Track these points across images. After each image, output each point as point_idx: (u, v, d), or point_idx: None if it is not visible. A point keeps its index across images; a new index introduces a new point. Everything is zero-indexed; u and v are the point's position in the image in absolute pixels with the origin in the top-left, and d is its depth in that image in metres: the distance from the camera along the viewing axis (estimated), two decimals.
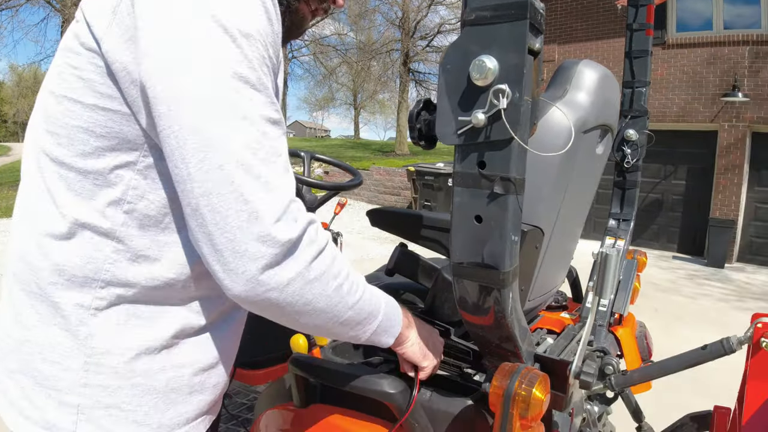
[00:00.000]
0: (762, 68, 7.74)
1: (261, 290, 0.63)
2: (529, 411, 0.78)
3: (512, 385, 0.79)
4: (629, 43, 1.89)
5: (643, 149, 1.89)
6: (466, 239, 0.79)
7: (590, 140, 1.25)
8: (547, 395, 0.81)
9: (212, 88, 0.58)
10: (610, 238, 1.88)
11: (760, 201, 8.16)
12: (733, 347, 1.29)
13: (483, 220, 0.76)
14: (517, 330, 0.84)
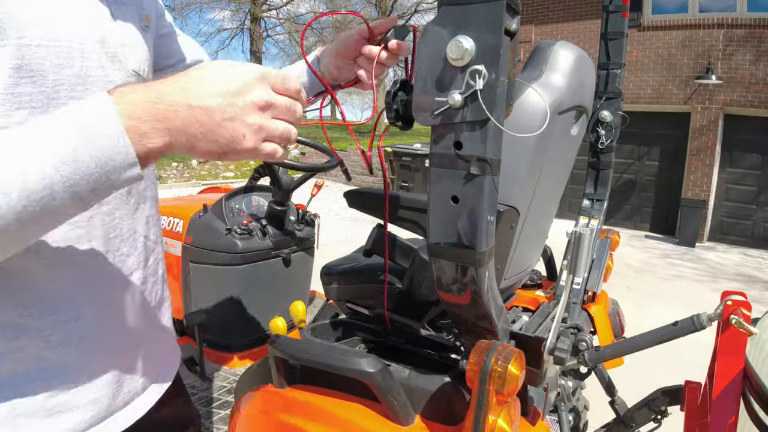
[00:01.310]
0: (736, 51, 7.85)
1: None
2: (505, 386, 0.80)
3: (488, 361, 0.80)
4: (605, 24, 1.90)
5: (617, 130, 1.91)
6: (442, 219, 0.79)
7: (565, 121, 1.26)
8: (523, 371, 0.82)
9: None
10: (584, 218, 1.90)
11: (731, 182, 8.34)
12: (704, 324, 1.33)
13: (459, 201, 0.76)
14: (493, 308, 0.85)
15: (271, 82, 0.57)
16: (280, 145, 0.59)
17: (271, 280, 2.25)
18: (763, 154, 8.02)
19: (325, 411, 1.10)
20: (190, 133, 0.53)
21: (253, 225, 2.20)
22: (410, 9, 21.00)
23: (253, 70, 0.56)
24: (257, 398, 1.27)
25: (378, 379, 0.98)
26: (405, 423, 0.99)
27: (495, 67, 0.68)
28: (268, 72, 0.57)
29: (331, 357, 1.06)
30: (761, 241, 8.11)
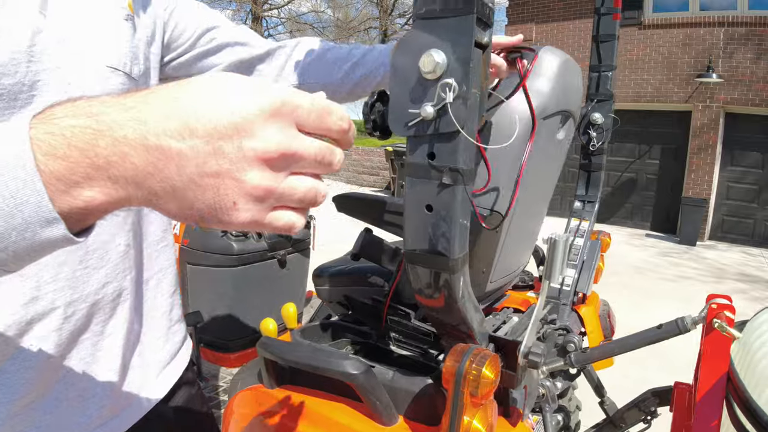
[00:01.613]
0: (736, 49, 7.84)
1: None
2: (479, 389, 0.82)
3: (463, 364, 0.82)
4: (596, 27, 1.91)
5: (609, 132, 1.92)
6: (417, 227, 0.81)
7: (551, 126, 1.28)
8: (497, 374, 0.84)
9: None
10: (575, 219, 1.92)
11: (732, 180, 8.33)
12: (688, 327, 1.34)
13: (433, 209, 0.78)
14: (468, 313, 0.87)
15: (295, 117, 0.36)
16: (301, 213, 0.39)
17: (267, 281, 2.27)
18: (764, 152, 8.01)
19: (313, 411, 1.12)
20: (148, 187, 0.35)
21: None
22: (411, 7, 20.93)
23: (265, 96, 0.35)
24: (249, 398, 1.30)
25: (360, 380, 1.00)
26: (388, 423, 1.01)
27: (465, 80, 0.70)
28: (290, 99, 0.36)
29: (316, 359, 1.08)
30: (762, 239, 8.10)
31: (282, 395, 1.21)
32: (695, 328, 1.32)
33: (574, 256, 1.84)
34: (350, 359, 1.05)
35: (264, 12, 18.38)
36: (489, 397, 0.85)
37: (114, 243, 0.68)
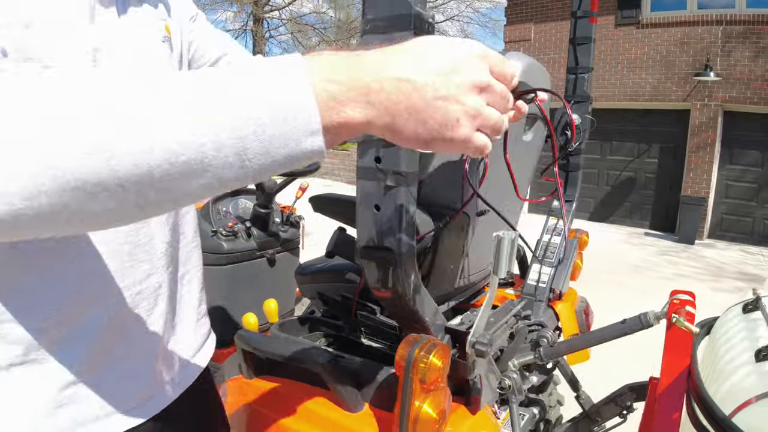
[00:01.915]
0: (735, 48, 7.86)
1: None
2: (428, 375, 0.87)
3: (412, 352, 0.88)
4: (573, 30, 1.96)
5: (586, 133, 1.97)
6: (368, 225, 0.87)
7: (515, 129, 1.33)
8: (445, 362, 0.90)
9: None
10: (553, 218, 1.97)
11: (731, 179, 8.35)
12: (651, 322, 1.39)
13: (380, 209, 0.84)
14: (419, 305, 0.93)
15: (491, 63, 0.49)
16: (489, 138, 0.50)
17: (256, 279, 2.33)
18: (763, 150, 8.02)
19: (287, 399, 1.19)
20: (395, 111, 0.45)
21: (238, 227, 2.28)
22: None
23: (474, 45, 0.49)
24: (231, 388, 1.37)
25: (327, 369, 1.07)
26: (354, 410, 1.08)
27: None
28: (489, 50, 0.50)
29: (288, 349, 1.15)
30: (761, 238, 8.11)
31: (259, 385, 1.28)
32: (658, 323, 1.36)
33: (550, 254, 1.89)
34: (318, 350, 1.11)
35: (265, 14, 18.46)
36: (439, 383, 0.91)
37: (158, 240, 0.75)
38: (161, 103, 0.40)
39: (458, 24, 22.37)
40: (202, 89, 0.41)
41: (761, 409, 1.00)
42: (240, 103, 0.41)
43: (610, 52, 8.87)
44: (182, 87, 0.41)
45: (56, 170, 0.37)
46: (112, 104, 0.39)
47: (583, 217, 9.67)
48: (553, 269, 1.84)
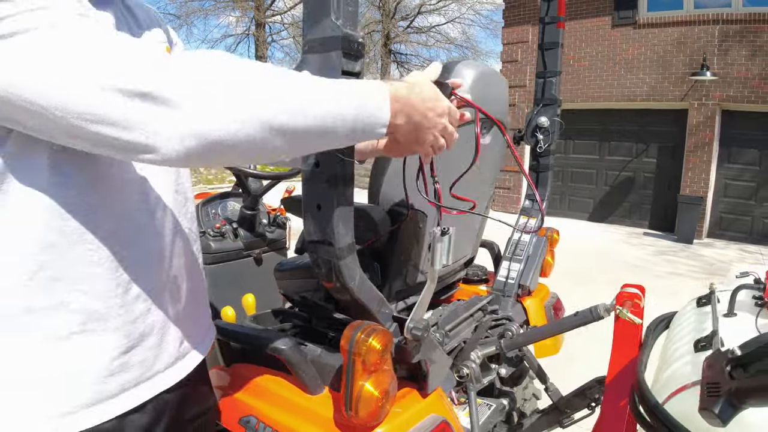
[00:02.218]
0: (731, 47, 7.89)
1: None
2: (368, 357, 0.97)
3: (354, 336, 0.98)
4: (542, 35, 2.04)
5: (555, 135, 2.05)
6: (312, 222, 0.97)
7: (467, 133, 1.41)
8: (384, 345, 0.99)
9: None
10: (524, 217, 2.05)
11: (729, 178, 8.37)
12: (600, 314, 1.46)
13: (322, 208, 0.94)
14: (363, 295, 1.02)
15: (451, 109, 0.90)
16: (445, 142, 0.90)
17: (243, 278, 2.42)
18: (761, 149, 8.03)
19: (256, 384, 1.30)
20: (413, 124, 0.83)
21: (226, 228, 2.38)
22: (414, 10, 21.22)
23: (446, 102, 0.88)
24: (211, 376, 1.46)
25: (288, 354, 1.17)
26: (314, 392, 1.18)
27: None
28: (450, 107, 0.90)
29: (254, 337, 1.25)
30: (761, 236, 8.12)
31: (235, 371, 1.38)
32: (607, 315, 1.44)
33: (520, 251, 1.97)
34: (281, 337, 1.20)
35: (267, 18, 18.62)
36: (381, 365, 1.00)
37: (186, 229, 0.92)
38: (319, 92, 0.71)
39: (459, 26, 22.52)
40: (337, 88, 0.73)
41: (691, 395, 1.06)
42: (355, 102, 0.74)
43: (607, 52, 8.93)
44: (327, 85, 0.73)
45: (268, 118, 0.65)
46: (298, 88, 0.70)
47: (582, 217, 9.72)
48: (522, 266, 1.92)
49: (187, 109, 0.60)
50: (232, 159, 0.70)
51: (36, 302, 0.71)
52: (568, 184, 9.91)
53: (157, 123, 0.60)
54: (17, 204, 0.68)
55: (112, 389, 0.78)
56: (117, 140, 0.61)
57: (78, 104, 0.59)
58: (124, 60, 0.61)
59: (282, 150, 0.69)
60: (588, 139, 9.50)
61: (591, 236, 8.42)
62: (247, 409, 1.25)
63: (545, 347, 1.90)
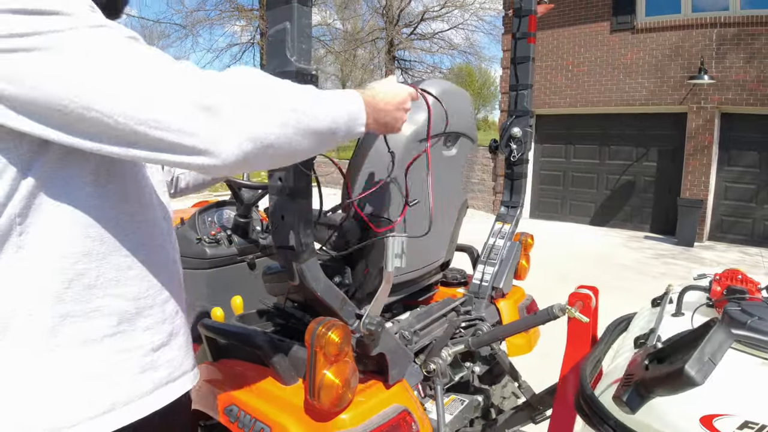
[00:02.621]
0: (729, 50, 7.95)
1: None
2: (328, 348, 1.09)
3: (316, 330, 1.10)
4: (514, 50, 2.16)
5: (528, 144, 2.17)
6: (278, 230, 1.10)
7: (437, 146, 1.54)
8: (342, 338, 1.11)
9: None
10: (499, 223, 2.16)
11: (729, 180, 8.40)
12: (556, 314, 1.57)
13: (285, 218, 1.07)
14: (324, 294, 1.15)
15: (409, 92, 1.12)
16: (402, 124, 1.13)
17: (237, 282, 2.55)
18: (761, 151, 8.06)
19: (238, 376, 1.43)
20: (381, 120, 1.04)
21: (221, 235, 2.51)
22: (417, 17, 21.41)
23: (405, 90, 1.11)
24: (201, 370, 1.60)
25: (265, 349, 1.29)
26: (288, 383, 1.31)
27: None
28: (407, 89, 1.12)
29: (235, 334, 1.38)
30: (762, 239, 8.13)
31: (222, 366, 1.52)
32: (562, 314, 1.55)
33: (494, 255, 2.09)
34: (259, 333, 1.33)
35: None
36: (341, 357, 1.12)
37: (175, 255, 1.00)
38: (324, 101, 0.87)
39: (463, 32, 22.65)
40: (333, 97, 0.90)
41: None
42: (345, 107, 0.91)
43: (606, 57, 9.01)
44: (326, 95, 0.89)
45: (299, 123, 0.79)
46: (312, 98, 0.84)
47: (583, 221, 9.79)
48: (496, 269, 2.03)
49: (242, 118, 0.72)
50: (276, 160, 0.83)
51: (72, 309, 0.76)
52: (569, 188, 9.99)
53: (218, 131, 0.70)
54: (56, 216, 0.74)
55: (144, 388, 0.85)
56: (180, 146, 0.69)
57: (145, 111, 0.66)
58: (188, 74, 0.71)
59: (308, 150, 0.84)
60: (588, 143, 9.58)
61: (592, 240, 8.49)
62: (230, 400, 1.38)
63: (518, 346, 2.01)
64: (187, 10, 19.26)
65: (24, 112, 0.65)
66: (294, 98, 0.80)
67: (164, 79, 0.68)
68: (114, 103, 0.65)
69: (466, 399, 1.83)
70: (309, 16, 1.02)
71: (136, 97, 0.66)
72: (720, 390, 1.04)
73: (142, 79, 0.67)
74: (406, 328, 1.60)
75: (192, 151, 0.70)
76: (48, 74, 0.63)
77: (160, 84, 0.68)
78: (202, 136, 0.69)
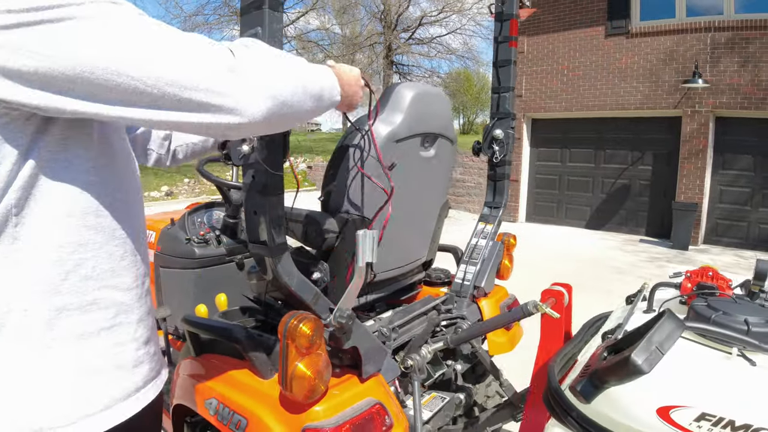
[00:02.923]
0: (724, 54, 7.99)
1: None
2: (298, 341, 1.13)
3: (288, 322, 1.14)
4: (495, 54, 2.20)
5: (510, 146, 2.20)
6: (251, 226, 1.14)
7: (408, 147, 1.57)
8: (313, 330, 1.15)
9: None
10: (482, 223, 2.20)
11: (724, 184, 8.43)
12: (530, 310, 1.60)
13: (257, 213, 1.10)
14: (297, 288, 1.19)
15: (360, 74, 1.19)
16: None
17: (225, 281, 2.59)
18: (755, 155, 8.08)
19: (219, 370, 1.47)
20: (346, 92, 1.08)
21: (210, 235, 2.55)
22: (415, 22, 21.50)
23: (356, 69, 1.17)
24: (184, 365, 1.63)
25: (243, 342, 1.33)
26: (265, 376, 1.34)
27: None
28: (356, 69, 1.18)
29: (215, 328, 1.42)
30: (757, 242, 8.15)
31: (201, 360, 1.56)
32: (536, 311, 1.58)
33: (476, 255, 2.12)
34: (238, 328, 1.37)
35: None
36: (313, 349, 1.16)
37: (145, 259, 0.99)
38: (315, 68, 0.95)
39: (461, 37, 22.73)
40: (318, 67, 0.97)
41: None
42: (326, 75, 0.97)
43: (601, 62, 9.07)
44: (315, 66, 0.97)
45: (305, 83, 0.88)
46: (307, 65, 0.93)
47: (579, 225, 9.83)
48: (477, 268, 2.06)
49: (260, 79, 0.77)
50: (288, 120, 0.86)
51: (69, 302, 0.76)
52: (565, 192, 10.03)
53: (243, 90, 0.75)
54: (54, 203, 0.73)
55: (138, 381, 0.86)
56: (208, 105, 0.72)
57: (174, 72, 0.69)
58: (207, 41, 0.75)
59: (310, 111, 0.91)
60: (584, 147, 9.63)
61: (588, 243, 8.52)
62: (210, 393, 1.42)
63: (499, 345, 2.04)
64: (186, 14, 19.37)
65: (43, 86, 0.65)
66: (296, 63, 0.88)
67: (189, 44, 0.72)
68: (144, 67, 0.67)
69: (447, 396, 1.86)
70: (280, 20, 1.06)
71: (165, 59, 0.68)
72: (679, 382, 1.07)
73: (168, 44, 0.70)
74: (385, 325, 1.64)
75: (219, 109, 0.73)
76: (77, 43, 0.64)
77: (186, 48, 0.71)
78: (229, 95, 0.73)
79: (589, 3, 9.12)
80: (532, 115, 10.05)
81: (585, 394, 0.97)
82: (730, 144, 8.29)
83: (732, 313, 1.19)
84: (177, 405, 1.60)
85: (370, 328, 1.59)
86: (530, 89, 9.88)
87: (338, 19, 21.53)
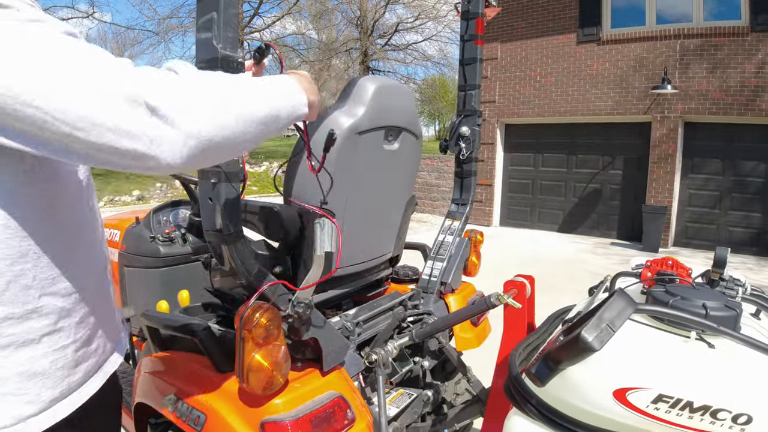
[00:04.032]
0: (693, 60, 8.18)
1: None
2: (254, 331, 1.11)
3: (244, 313, 1.12)
4: (462, 52, 2.21)
5: (477, 143, 2.21)
6: (207, 214, 1.12)
7: (371, 140, 1.57)
8: (269, 320, 1.13)
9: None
10: (449, 219, 2.20)
11: (693, 188, 8.62)
12: (494, 303, 1.61)
13: (212, 201, 1.08)
14: (255, 278, 1.17)
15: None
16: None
17: (191, 280, 2.54)
18: (723, 159, 8.28)
19: (179, 365, 1.45)
20: (313, 97, 0.98)
21: (175, 234, 2.50)
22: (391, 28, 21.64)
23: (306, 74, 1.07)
24: (145, 363, 1.60)
25: (200, 336, 1.31)
26: (224, 371, 1.32)
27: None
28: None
29: (173, 323, 1.39)
30: (726, 244, 8.30)
31: (162, 356, 1.53)
32: (499, 303, 1.58)
33: (443, 251, 2.12)
34: (195, 322, 1.34)
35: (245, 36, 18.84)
36: (270, 340, 1.14)
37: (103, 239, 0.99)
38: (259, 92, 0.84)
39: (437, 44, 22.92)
40: (270, 86, 0.88)
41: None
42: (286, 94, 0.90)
43: (572, 68, 9.21)
44: (261, 85, 0.86)
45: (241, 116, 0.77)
46: (255, 89, 0.83)
47: (552, 228, 9.95)
48: (444, 264, 2.06)
49: (183, 115, 0.67)
50: (223, 153, 0.78)
51: (11, 311, 0.74)
52: (537, 196, 10.14)
53: (158, 131, 0.65)
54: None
55: (78, 379, 0.86)
56: (116, 148, 0.64)
57: (75, 109, 0.62)
58: (124, 71, 0.66)
59: (254, 138, 0.81)
60: (556, 152, 9.77)
61: (560, 247, 8.62)
62: (170, 390, 1.39)
63: (466, 340, 2.04)
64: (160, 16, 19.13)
65: None
66: (231, 89, 0.77)
67: (97, 76, 0.64)
68: (44, 100, 0.60)
69: (414, 393, 1.85)
70: (235, 5, 1.05)
71: (64, 93, 0.61)
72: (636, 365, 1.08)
73: (72, 75, 0.62)
74: (349, 320, 1.62)
75: (132, 154, 0.66)
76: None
77: (91, 81, 0.63)
78: (139, 137, 0.65)
79: (561, 11, 9.28)
80: (505, 120, 10.15)
81: (540, 377, 0.97)
82: (699, 149, 8.47)
83: (690, 298, 1.20)
84: (138, 404, 1.56)
85: (335, 324, 1.58)
86: (504, 95, 9.99)
87: (314, 24, 21.54)
